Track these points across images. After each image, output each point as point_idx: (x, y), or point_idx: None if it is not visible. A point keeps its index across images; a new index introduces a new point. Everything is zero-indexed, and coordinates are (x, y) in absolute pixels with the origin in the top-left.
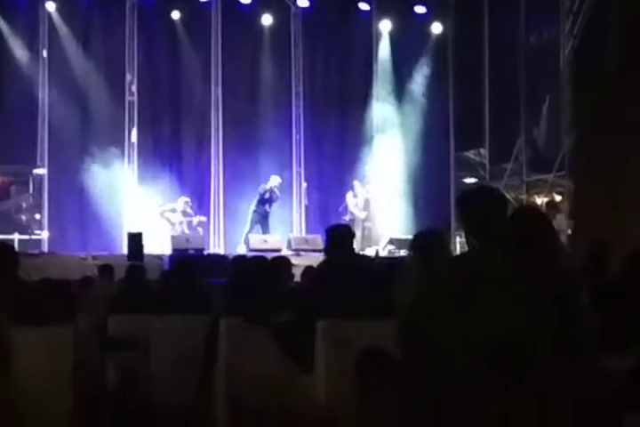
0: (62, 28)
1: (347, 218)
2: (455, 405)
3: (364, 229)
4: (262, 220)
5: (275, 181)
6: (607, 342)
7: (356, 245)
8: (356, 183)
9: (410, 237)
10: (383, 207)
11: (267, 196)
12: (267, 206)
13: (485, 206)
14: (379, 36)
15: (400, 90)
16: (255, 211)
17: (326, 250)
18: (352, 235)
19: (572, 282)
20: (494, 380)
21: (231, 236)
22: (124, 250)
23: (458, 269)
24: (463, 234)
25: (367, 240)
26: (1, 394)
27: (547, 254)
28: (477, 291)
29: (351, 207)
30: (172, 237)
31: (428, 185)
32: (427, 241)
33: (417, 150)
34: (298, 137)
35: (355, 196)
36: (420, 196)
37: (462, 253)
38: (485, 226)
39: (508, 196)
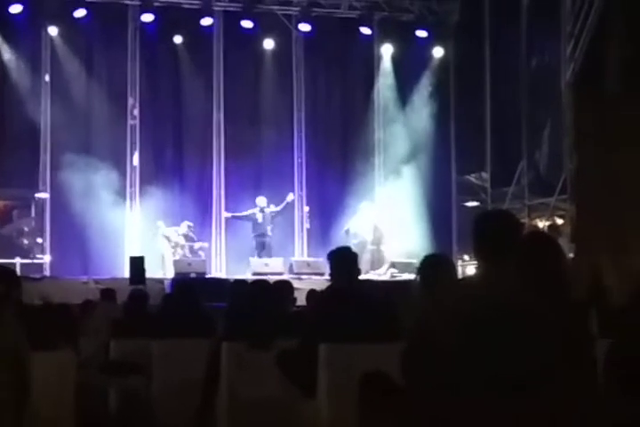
0: (64, 52)
1: (355, 241)
2: None
3: (369, 251)
4: (259, 243)
5: (261, 201)
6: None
7: (362, 268)
8: (362, 206)
9: (411, 260)
10: (387, 231)
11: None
12: (259, 229)
13: (499, 230)
14: (380, 60)
15: (401, 113)
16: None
17: (332, 275)
18: (354, 256)
19: (582, 311)
20: (500, 408)
21: (233, 260)
22: (126, 274)
23: (466, 297)
24: (468, 257)
25: (372, 263)
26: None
27: (555, 281)
28: (485, 320)
29: (358, 230)
30: (175, 262)
31: (430, 208)
32: (433, 265)
33: (418, 174)
34: (300, 161)
35: (361, 218)
36: (422, 219)
37: (470, 278)
38: (497, 250)
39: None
